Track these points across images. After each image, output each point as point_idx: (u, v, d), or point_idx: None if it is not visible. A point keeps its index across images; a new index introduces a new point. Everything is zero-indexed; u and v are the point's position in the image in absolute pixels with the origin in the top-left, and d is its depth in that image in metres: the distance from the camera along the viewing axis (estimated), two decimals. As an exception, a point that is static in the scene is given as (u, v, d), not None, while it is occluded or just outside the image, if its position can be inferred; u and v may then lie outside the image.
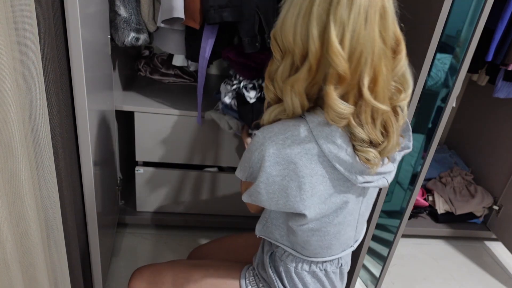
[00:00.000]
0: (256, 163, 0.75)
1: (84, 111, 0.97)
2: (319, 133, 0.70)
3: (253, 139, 0.75)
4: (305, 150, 0.70)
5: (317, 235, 0.81)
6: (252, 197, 0.78)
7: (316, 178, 0.72)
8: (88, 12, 0.95)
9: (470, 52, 1.09)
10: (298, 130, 0.71)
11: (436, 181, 2.01)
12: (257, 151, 0.73)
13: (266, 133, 0.72)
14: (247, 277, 0.96)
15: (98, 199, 1.15)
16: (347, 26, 0.62)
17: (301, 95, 0.70)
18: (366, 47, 0.63)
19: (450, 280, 1.73)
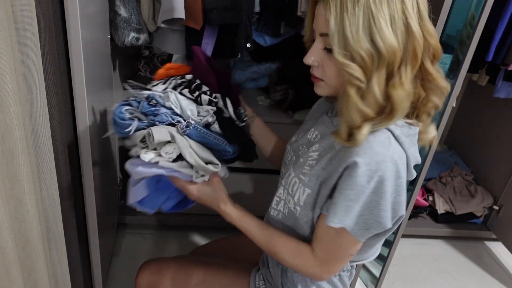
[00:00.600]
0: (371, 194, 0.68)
1: (84, 111, 0.97)
2: (405, 139, 0.71)
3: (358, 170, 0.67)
4: (403, 161, 0.70)
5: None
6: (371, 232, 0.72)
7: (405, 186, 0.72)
8: (88, 12, 0.95)
9: (470, 52, 1.09)
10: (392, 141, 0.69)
11: (436, 181, 2.01)
12: (373, 181, 0.67)
13: (375, 157, 0.67)
14: (257, 281, 0.94)
15: (98, 199, 1.15)
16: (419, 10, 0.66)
17: (410, 93, 0.68)
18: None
19: (450, 280, 1.73)
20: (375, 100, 0.66)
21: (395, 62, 0.64)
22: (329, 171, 0.74)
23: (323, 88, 0.75)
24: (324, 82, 0.74)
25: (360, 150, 0.67)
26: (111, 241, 1.56)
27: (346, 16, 0.62)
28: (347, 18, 0.62)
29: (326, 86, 0.74)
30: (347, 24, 0.63)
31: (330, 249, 0.76)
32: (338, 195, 0.70)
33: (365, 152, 0.67)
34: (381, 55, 0.63)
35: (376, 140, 0.68)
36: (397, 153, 0.69)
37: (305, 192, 0.77)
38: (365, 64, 0.64)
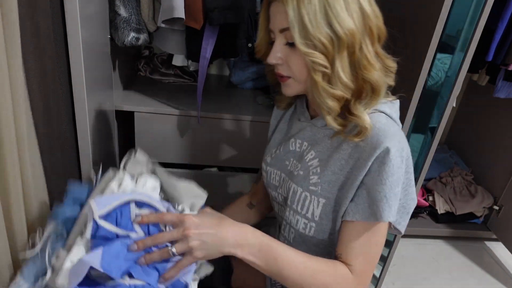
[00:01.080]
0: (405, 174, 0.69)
1: (84, 111, 0.97)
2: (394, 114, 0.75)
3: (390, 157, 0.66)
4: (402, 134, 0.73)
5: None
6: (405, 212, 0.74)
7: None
8: (87, 12, 0.95)
9: (470, 52, 1.09)
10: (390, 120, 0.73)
11: (436, 181, 2.01)
12: (403, 161, 0.68)
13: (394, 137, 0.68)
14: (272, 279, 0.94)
15: (98, 199, 1.15)
16: None
17: (381, 69, 0.71)
18: None
19: (450, 280, 1.73)
20: (343, 82, 0.68)
21: (355, 43, 0.66)
22: (344, 173, 0.72)
23: (292, 86, 0.75)
24: (292, 79, 0.74)
25: (379, 137, 0.67)
26: (111, 241, 1.56)
27: (303, 6, 0.65)
28: (304, 8, 0.64)
29: (295, 82, 0.74)
30: (305, 14, 0.64)
31: (368, 254, 0.71)
32: (382, 188, 0.67)
33: (385, 136, 0.67)
34: (340, 38, 0.65)
35: (383, 123, 0.70)
36: (398, 126, 0.74)
37: (319, 204, 0.74)
38: (326, 50, 0.66)
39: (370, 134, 0.69)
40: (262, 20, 0.76)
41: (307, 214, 0.77)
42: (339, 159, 0.73)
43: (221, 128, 1.53)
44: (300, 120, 0.84)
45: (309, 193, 0.76)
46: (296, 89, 0.75)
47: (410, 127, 1.17)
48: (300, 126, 0.84)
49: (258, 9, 1.40)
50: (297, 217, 0.78)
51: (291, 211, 0.80)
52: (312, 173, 0.76)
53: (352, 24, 0.65)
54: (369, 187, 0.69)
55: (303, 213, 0.77)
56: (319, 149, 0.77)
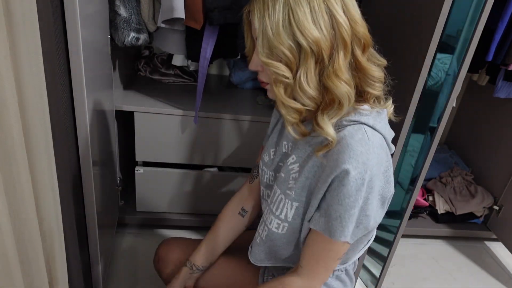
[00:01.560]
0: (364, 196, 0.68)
1: (83, 111, 0.97)
2: (380, 125, 0.71)
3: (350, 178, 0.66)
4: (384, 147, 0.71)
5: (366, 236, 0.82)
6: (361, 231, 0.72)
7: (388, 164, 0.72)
8: (87, 12, 0.95)
9: (470, 52, 1.09)
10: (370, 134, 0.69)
11: (436, 181, 2.01)
12: (365, 184, 0.66)
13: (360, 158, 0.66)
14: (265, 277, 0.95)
15: (98, 199, 1.15)
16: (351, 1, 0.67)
17: (348, 79, 0.67)
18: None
19: (450, 280, 1.73)
20: (307, 94, 0.66)
21: (322, 52, 0.64)
22: (315, 180, 0.73)
23: (271, 91, 0.74)
24: (269, 85, 0.73)
25: (344, 156, 0.66)
26: (111, 241, 1.56)
27: (267, 15, 0.63)
28: (267, 16, 0.63)
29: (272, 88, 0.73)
30: (268, 23, 0.63)
31: (320, 259, 0.75)
32: (338, 207, 0.68)
33: (349, 157, 0.65)
34: (302, 48, 0.63)
35: (354, 140, 0.67)
36: (377, 143, 0.69)
37: (293, 207, 0.77)
38: (288, 60, 0.64)
39: (337, 149, 0.68)
40: (246, 28, 0.75)
41: (280, 215, 0.79)
42: (313, 165, 0.73)
43: (221, 128, 1.53)
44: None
45: (284, 196, 0.78)
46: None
47: (410, 127, 1.17)
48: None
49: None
50: (271, 217, 0.81)
51: (268, 210, 0.83)
52: (292, 178, 0.77)
53: (318, 33, 0.63)
54: (328, 203, 0.70)
55: (277, 214, 0.80)
56: (299, 153, 0.77)
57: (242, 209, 1.01)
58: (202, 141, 1.55)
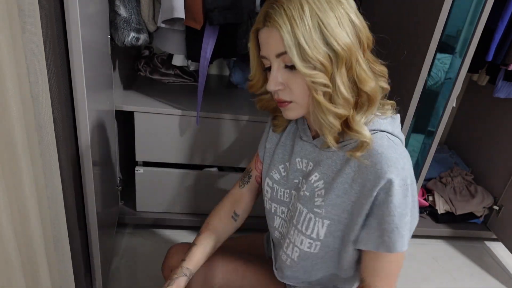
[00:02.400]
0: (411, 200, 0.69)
1: (84, 111, 0.97)
2: (397, 129, 0.74)
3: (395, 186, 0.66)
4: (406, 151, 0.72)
5: None
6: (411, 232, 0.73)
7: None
8: (88, 12, 0.95)
9: (470, 52, 1.09)
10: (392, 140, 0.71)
11: (436, 181, 2.01)
12: (409, 188, 0.67)
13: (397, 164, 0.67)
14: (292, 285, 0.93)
15: (98, 199, 1.15)
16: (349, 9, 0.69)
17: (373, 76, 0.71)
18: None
19: (450, 280, 1.73)
20: (345, 98, 0.68)
21: (352, 57, 0.66)
22: (354, 196, 0.72)
23: (294, 109, 0.73)
24: (293, 103, 0.72)
25: (382, 166, 0.66)
26: (111, 241, 1.56)
27: (297, 28, 0.64)
28: (298, 30, 0.64)
29: (297, 106, 0.72)
30: (301, 36, 0.64)
31: (388, 275, 0.74)
32: (392, 220, 0.67)
33: (388, 165, 0.66)
34: (338, 55, 0.65)
35: (384, 148, 0.68)
36: (401, 146, 0.72)
37: (324, 225, 0.76)
38: (325, 69, 0.65)
39: (370, 161, 0.68)
40: (252, 49, 0.75)
41: (312, 234, 0.78)
42: (343, 182, 0.73)
43: (221, 128, 1.53)
44: (302, 139, 0.82)
45: (313, 215, 0.77)
46: (299, 111, 0.74)
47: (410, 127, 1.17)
48: (302, 145, 0.82)
49: (258, 9, 1.40)
50: (302, 237, 0.80)
51: (296, 230, 0.81)
52: (317, 195, 0.76)
53: (348, 38, 0.65)
54: (379, 217, 0.69)
55: (308, 233, 0.78)
56: (323, 170, 0.76)
57: (234, 213, 0.98)
58: (202, 141, 1.55)
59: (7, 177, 0.69)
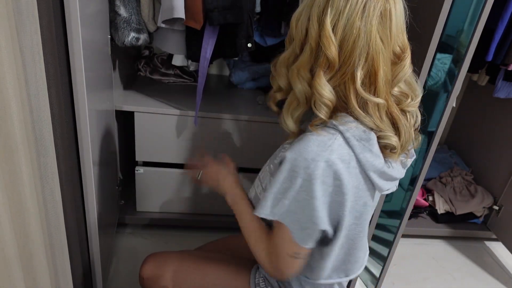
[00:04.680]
0: (300, 191, 0.69)
1: (84, 111, 0.97)
2: (356, 142, 0.69)
3: (286, 165, 0.69)
4: (346, 164, 0.68)
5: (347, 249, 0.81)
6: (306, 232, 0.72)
7: (353, 190, 0.71)
8: (88, 12, 0.95)
9: (470, 52, 1.09)
10: (336, 143, 0.68)
11: (436, 181, 2.01)
12: (299, 177, 0.68)
13: (305, 154, 0.67)
14: (256, 278, 0.95)
15: (98, 199, 1.15)
16: (342, 13, 0.65)
17: (308, 79, 0.70)
18: (360, 39, 0.65)
19: (450, 280, 1.73)
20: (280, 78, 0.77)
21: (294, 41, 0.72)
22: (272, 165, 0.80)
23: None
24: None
25: (295, 146, 0.69)
26: (111, 241, 1.56)
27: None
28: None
29: None
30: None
31: (275, 243, 0.77)
32: (269, 188, 0.72)
33: (298, 148, 0.68)
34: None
35: (316, 138, 0.68)
36: (338, 154, 0.67)
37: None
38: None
39: (299, 139, 0.71)
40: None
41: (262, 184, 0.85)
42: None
43: (221, 128, 1.53)
44: None
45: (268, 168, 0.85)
46: None
47: (410, 127, 1.17)
48: None
49: (258, 9, 1.40)
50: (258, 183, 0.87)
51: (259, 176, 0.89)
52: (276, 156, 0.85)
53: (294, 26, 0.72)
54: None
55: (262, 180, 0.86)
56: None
57: None
58: (202, 141, 1.55)
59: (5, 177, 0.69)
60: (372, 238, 1.38)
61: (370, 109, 0.69)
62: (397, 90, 0.72)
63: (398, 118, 0.72)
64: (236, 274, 0.97)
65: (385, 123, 0.71)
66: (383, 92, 0.68)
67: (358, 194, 0.72)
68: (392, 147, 0.71)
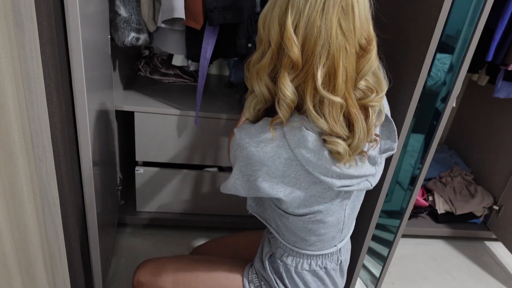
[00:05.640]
0: (234, 159, 0.77)
1: (84, 111, 0.97)
2: (292, 137, 0.71)
3: (233, 137, 0.77)
4: (278, 154, 0.71)
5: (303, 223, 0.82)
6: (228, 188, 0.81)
7: (288, 179, 0.74)
8: (88, 12, 0.95)
9: (470, 52, 1.09)
10: (264, 129, 0.73)
11: (436, 181, 2.01)
12: (233, 149, 0.76)
13: (243, 134, 0.74)
14: (249, 275, 0.96)
15: (98, 199, 1.15)
16: (302, 13, 0.64)
17: (266, 82, 0.72)
18: (321, 37, 0.65)
19: (450, 280, 1.73)
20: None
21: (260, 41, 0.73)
22: None
23: None
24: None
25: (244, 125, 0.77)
26: (111, 241, 1.56)
27: None
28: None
29: None
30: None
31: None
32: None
33: (243, 128, 0.76)
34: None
35: (261, 123, 0.74)
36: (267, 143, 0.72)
37: None
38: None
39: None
40: None
41: None
42: None
43: (221, 128, 1.53)
44: None
45: None
46: None
47: (410, 127, 1.17)
48: None
49: (258, 9, 1.40)
50: None
51: None
52: None
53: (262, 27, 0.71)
54: None
55: None
56: None
57: None
58: (202, 141, 1.55)
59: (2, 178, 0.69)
60: (372, 238, 1.38)
61: (326, 109, 0.68)
62: (363, 84, 0.71)
63: (356, 119, 0.70)
64: (229, 272, 0.98)
65: (339, 125, 0.69)
66: (342, 90, 0.68)
67: (302, 186, 0.75)
68: (338, 153, 0.70)
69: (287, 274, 0.90)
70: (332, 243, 0.89)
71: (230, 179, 0.78)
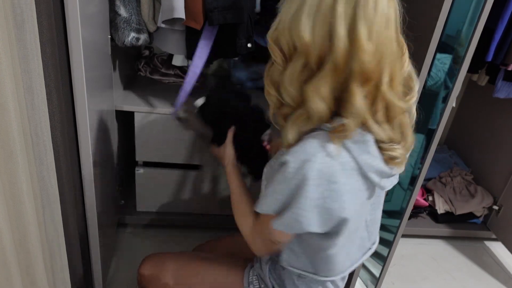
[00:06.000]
0: (293, 191, 0.70)
1: (84, 111, 0.97)
2: (353, 145, 0.68)
3: (284, 167, 0.70)
4: (342, 165, 0.68)
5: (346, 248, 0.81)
6: (289, 227, 0.74)
7: (353, 193, 0.71)
8: (88, 12, 0.95)
9: (470, 52, 1.09)
10: (331, 146, 0.68)
11: (436, 181, 2.01)
12: (294, 179, 0.68)
13: (302, 155, 0.68)
14: (250, 277, 0.96)
15: (98, 199, 1.15)
16: (373, 25, 0.63)
17: (327, 98, 0.67)
18: (387, 47, 0.65)
19: (450, 280, 1.73)
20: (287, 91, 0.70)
21: (308, 56, 0.65)
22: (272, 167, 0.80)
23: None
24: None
25: (293, 149, 0.69)
26: (111, 241, 1.56)
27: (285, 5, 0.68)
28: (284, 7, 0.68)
29: None
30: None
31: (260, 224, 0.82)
32: (269, 186, 0.74)
33: (296, 151, 0.69)
34: (295, 46, 0.66)
35: (313, 140, 0.68)
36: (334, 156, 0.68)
37: None
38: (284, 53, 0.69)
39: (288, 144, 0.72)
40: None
41: None
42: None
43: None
44: None
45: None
46: None
47: (410, 127, 1.17)
48: None
49: (258, 9, 1.40)
50: None
51: None
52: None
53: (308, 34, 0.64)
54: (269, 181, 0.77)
55: None
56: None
57: None
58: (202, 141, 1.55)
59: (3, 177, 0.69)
60: (372, 238, 1.38)
61: (379, 116, 0.68)
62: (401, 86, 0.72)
63: (406, 122, 0.72)
64: (229, 272, 0.99)
65: (396, 130, 0.71)
66: (400, 95, 0.69)
67: (361, 195, 0.73)
68: (396, 158, 0.71)
69: (288, 281, 0.89)
70: None
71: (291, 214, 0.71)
